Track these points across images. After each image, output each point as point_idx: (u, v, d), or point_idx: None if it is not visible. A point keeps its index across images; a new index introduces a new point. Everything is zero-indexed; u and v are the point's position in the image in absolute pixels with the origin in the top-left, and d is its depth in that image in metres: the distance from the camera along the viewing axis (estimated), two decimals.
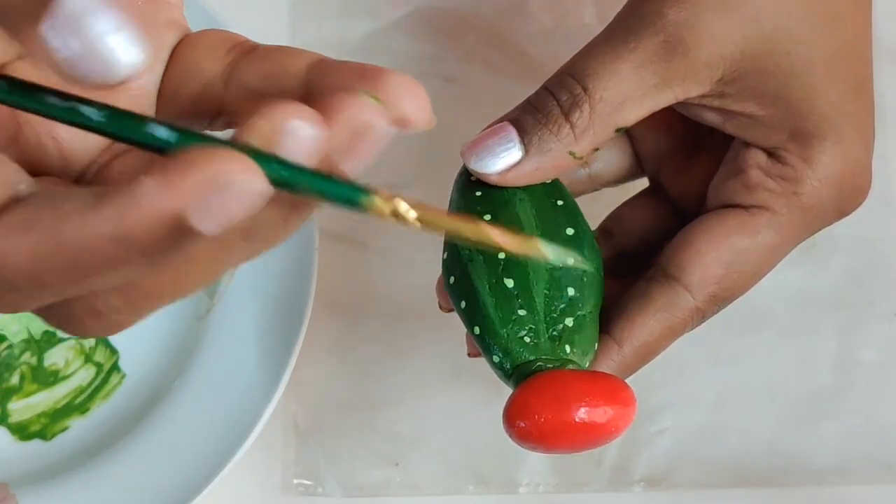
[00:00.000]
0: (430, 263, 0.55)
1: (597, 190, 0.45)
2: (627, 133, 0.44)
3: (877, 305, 0.55)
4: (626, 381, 0.38)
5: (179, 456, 0.51)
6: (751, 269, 0.39)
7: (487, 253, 0.39)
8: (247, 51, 0.29)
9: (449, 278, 0.40)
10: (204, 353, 0.53)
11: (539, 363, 0.38)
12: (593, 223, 0.45)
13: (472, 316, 0.39)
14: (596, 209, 0.45)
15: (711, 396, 0.54)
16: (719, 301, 0.40)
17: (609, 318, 0.40)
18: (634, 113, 0.38)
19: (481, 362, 0.55)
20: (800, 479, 0.53)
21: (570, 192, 0.42)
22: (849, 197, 0.41)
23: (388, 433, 0.54)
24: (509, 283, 0.38)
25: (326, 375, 0.55)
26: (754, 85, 0.38)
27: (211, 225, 0.23)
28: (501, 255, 0.38)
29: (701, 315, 0.40)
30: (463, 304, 0.39)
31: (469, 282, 0.39)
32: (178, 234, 0.23)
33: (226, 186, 0.23)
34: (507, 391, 0.55)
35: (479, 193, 0.40)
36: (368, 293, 0.55)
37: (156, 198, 0.23)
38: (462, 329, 0.55)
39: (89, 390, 0.54)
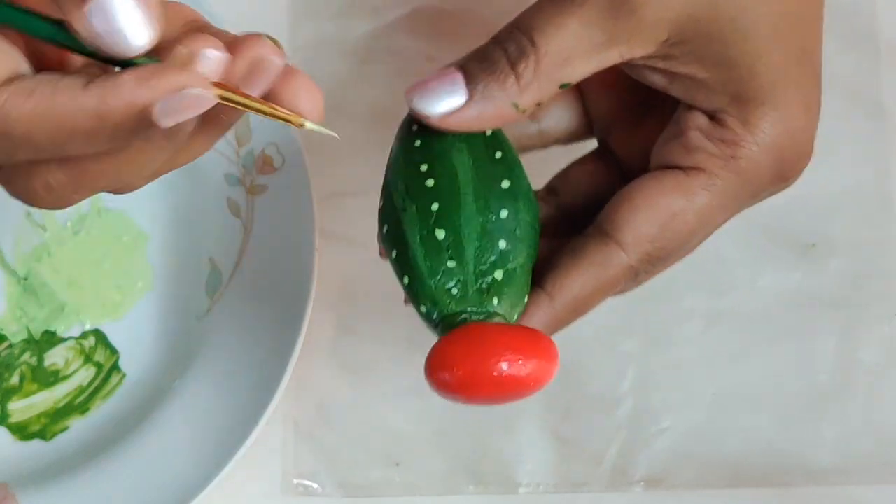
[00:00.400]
0: None
1: (546, 147, 0.45)
2: (579, 92, 0.44)
3: (876, 306, 0.55)
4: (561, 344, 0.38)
5: (179, 456, 0.51)
6: (685, 230, 0.39)
7: (421, 204, 0.39)
8: (200, 28, 0.33)
9: (383, 227, 0.40)
10: (204, 353, 0.53)
11: (464, 315, 0.38)
12: (542, 183, 0.45)
13: (402, 266, 0.39)
14: (546, 170, 0.45)
15: (711, 396, 0.54)
16: (653, 260, 0.40)
17: (542, 272, 0.40)
18: (579, 69, 0.38)
19: None
20: (799, 478, 0.54)
21: (519, 146, 0.42)
22: (789, 163, 0.40)
23: (388, 433, 0.54)
24: (440, 234, 0.38)
25: (326, 375, 0.55)
26: (698, 48, 0.38)
27: (166, 120, 0.30)
28: (434, 207, 0.38)
29: (634, 273, 0.40)
30: (394, 253, 0.39)
31: (401, 232, 0.39)
32: (141, 122, 0.30)
33: (187, 92, 0.30)
34: None
35: (418, 143, 0.40)
36: (368, 293, 0.55)
37: (132, 89, 0.30)
38: None
39: (89, 390, 0.54)
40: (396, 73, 0.57)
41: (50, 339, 0.55)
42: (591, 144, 0.46)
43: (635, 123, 0.43)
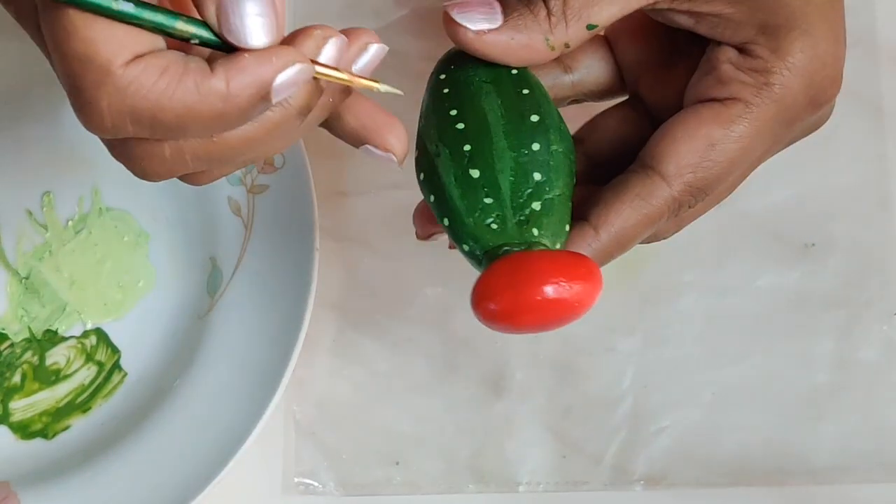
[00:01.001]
0: (429, 264, 0.56)
1: (578, 101, 0.45)
2: (609, 46, 0.45)
3: (875, 305, 0.55)
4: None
5: (180, 455, 0.51)
6: (726, 159, 0.40)
7: (453, 147, 0.40)
8: None
9: (419, 175, 0.41)
10: (204, 352, 0.53)
11: (506, 247, 0.38)
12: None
13: (441, 208, 0.40)
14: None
15: (710, 396, 0.54)
16: (695, 191, 0.40)
17: (587, 207, 0.41)
18: (605, 11, 0.40)
19: (480, 363, 0.55)
20: (798, 477, 0.54)
21: (553, 97, 0.43)
22: (820, 87, 0.41)
23: (388, 432, 0.54)
24: (475, 173, 0.39)
25: (326, 375, 0.55)
26: None
27: (279, 95, 0.34)
28: (467, 148, 0.39)
29: (677, 205, 0.40)
30: (432, 198, 0.40)
31: (436, 176, 0.40)
32: (259, 101, 0.34)
33: (295, 67, 0.34)
34: (507, 390, 0.55)
35: (446, 91, 0.41)
36: (368, 293, 0.56)
37: (256, 67, 0.33)
38: (458, 326, 0.55)
39: (91, 389, 0.55)
40: (397, 73, 0.57)
41: (51, 338, 0.55)
42: None
43: (665, 71, 0.44)
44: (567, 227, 0.39)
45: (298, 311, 0.51)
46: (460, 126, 0.40)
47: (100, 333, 0.55)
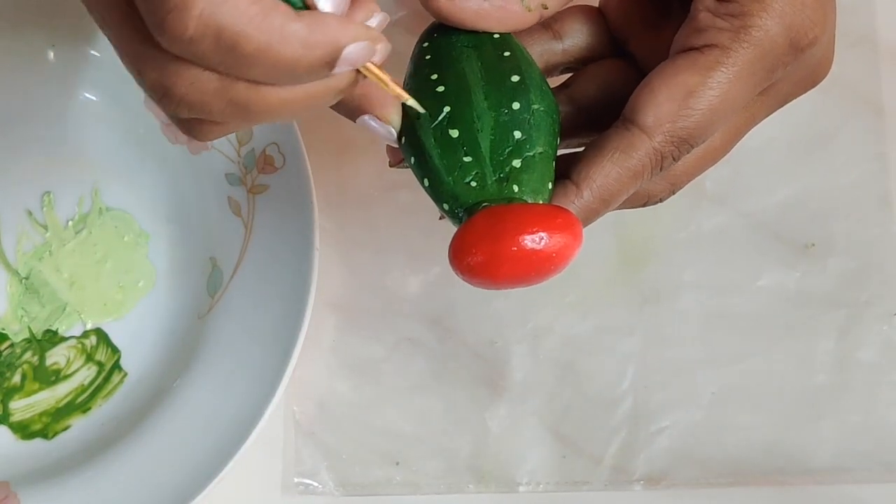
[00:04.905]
0: (429, 264, 0.56)
1: (572, 67, 0.45)
2: (600, 12, 0.45)
3: (875, 305, 0.55)
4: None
5: (180, 455, 0.51)
6: (706, 107, 0.39)
7: (433, 110, 0.40)
8: None
9: (401, 139, 0.41)
10: (204, 352, 0.53)
11: (485, 203, 0.38)
12: None
13: (421, 170, 0.40)
14: None
15: (710, 396, 0.54)
16: (677, 141, 0.40)
17: (569, 165, 0.40)
18: None
19: (480, 362, 0.55)
20: (798, 477, 0.54)
21: (546, 66, 0.43)
22: (801, 30, 0.40)
23: (388, 432, 0.54)
24: (454, 133, 0.39)
25: (326, 375, 0.55)
26: None
27: (342, 66, 0.34)
28: (446, 110, 0.40)
29: (660, 157, 0.40)
30: (412, 160, 0.40)
31: (416, 138, 0.40)
32: (328, 62, 0.34)
33: (363, 43, 0.34)
34: (507, 390, 0.55)
35: (428, 57, 0.42)
36: (368, 293, 0.56)
37: (336, 28, 0.34)
38: (458, 326, 0.55)
39: (91, 389, 0.55)
40: (397, 72, 0.57)
41: (51, 338, 0.55)
42: None
43: (656, 33, 0.44)
44: (549, 186, 0.39)
45: (298, 311, 0.51)
46: (440, 89, 0.40)
47: (100, 333, 0.55)
